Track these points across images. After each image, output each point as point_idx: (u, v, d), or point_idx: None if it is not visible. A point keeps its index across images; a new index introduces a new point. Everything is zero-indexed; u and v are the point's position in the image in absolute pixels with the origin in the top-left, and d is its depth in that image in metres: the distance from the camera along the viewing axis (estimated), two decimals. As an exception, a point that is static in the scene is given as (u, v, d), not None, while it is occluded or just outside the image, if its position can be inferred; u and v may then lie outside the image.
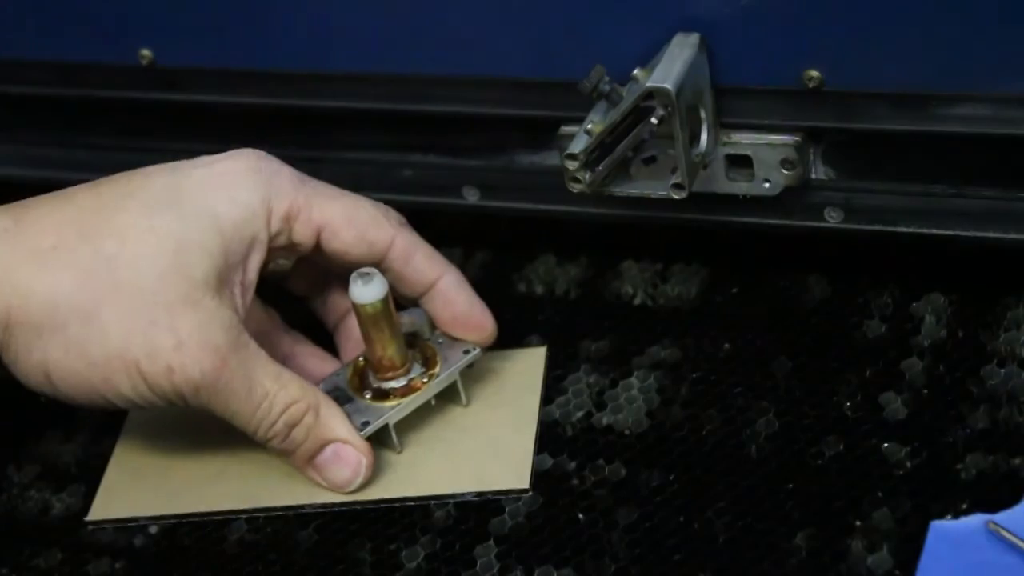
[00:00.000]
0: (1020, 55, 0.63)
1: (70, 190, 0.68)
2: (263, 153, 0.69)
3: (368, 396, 0.69)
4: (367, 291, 0.67)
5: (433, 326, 0.71)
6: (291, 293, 0.74)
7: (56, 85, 0.81)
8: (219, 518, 0.69)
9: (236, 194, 0.67)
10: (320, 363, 0.73)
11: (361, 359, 0.71)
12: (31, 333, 0.64)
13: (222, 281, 0.65)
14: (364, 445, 0.68)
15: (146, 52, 0.78)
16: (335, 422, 0.68)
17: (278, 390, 0.66)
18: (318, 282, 0.73)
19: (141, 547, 0.69)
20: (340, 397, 0.69)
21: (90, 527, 0.70)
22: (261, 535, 0.68)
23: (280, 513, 0.69)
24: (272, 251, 0.68)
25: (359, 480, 0.68)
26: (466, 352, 0.70)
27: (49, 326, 0.64)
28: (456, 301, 0.70)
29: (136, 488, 0.71)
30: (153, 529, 0.70)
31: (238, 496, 0.69)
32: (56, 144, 0.85)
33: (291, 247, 0.69)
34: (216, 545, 0.69)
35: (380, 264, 0.69)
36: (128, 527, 0.70)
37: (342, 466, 0.68)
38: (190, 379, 0.64)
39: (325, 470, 0.68)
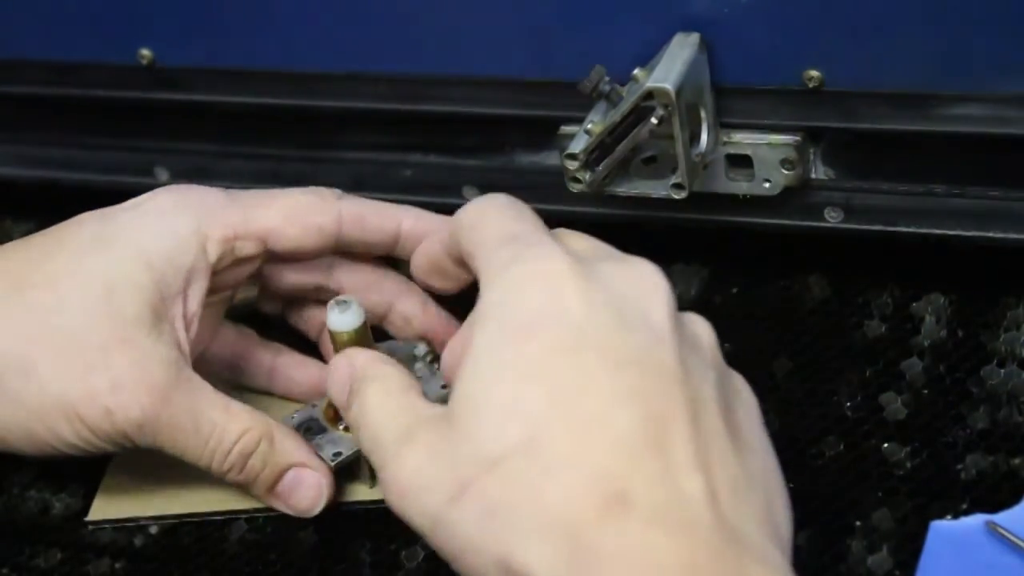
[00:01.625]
0: (1020, 55, 0.63)
1: (6, 246, 0.68)
2: (189, 185, 0.69)
3: (342, 427, 0.68)
4: (343, 319, 0.65)
5: (414, 357, 0.69)
6: (267, 315, 0.74)
7: (56, 85, 0.81)
8: (219, 518, 0.69)
9: (164, 227, 0.66)
10: (307, 370, 0.72)
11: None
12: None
13: (158, 316, 0.65)
14: (323, 467, 0.67)
15: (146, 52, 0.78)
16: (291, 446, 0.67)
17: (227, 421, 0.65)
18: (289, 299, 0.73)
19: (141, 547, 0.69)
20: (314, 427, 0.68)
21: (90, 527, 0.70)
22: (261, 535, 0.68)
23: (280, 513, 0.69)
24: (222, 275, 0.68)
25: (323, 502, 0.67)
26: (444, 387, 0.67)
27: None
28: (424, 226, 0.68)
29: (136, 488, 0.71)
30: (153, 529, 0.70)
31: (238, 496, 0.69)
32: (56, 144, 0.85)
33: (241, 264, 0.68)
34: (216, 545, 0.69)
35: (338, 242, 0.68)
36: (128, 527, 0.70)
37: (304, 490, 0.67)
38: (130, 419, 0.64)
39: (288, 497, 0.67)
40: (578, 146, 0.66)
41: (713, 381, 0.54)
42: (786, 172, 0.69)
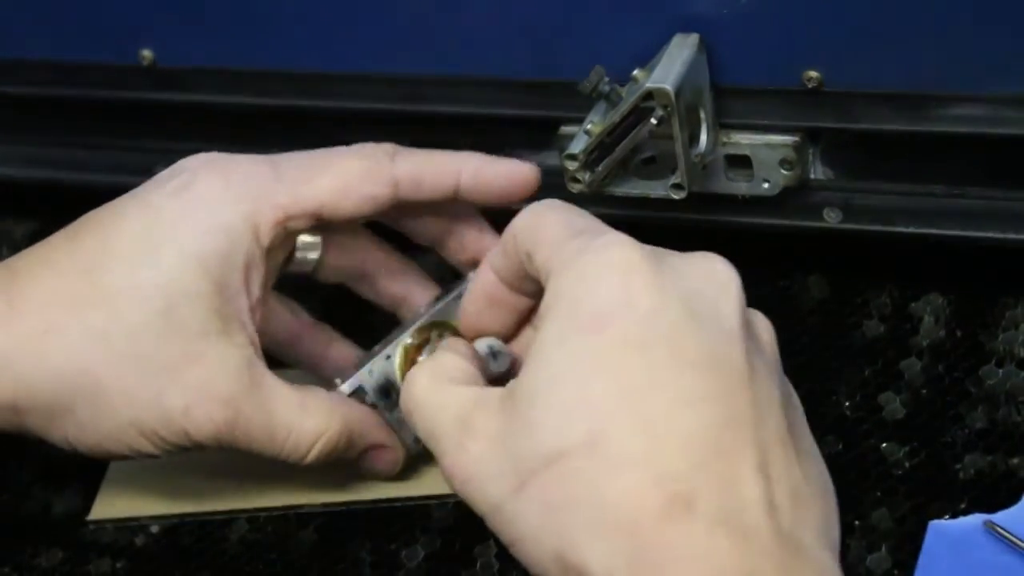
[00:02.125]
0: (1020, 55, 0.63)
1: (49, 244, 0.65)
2: (230, 156, 0.66)
3: None
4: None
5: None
6: (328, 284, 0.70)
7: (56, 85, 0.81)
8: (220, 518, 0.69)
9: (214, 222, 0.63)
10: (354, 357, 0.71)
11: (409, 339, 0.67)
12: (43, 417, 0.63)
13: (225, 320, 0.63)
14: (397, 442, 0.67)
15: (147, 52, 0.78)
16: (367, 431, 0.66)
17: (303, 421, 0.64)
18: (356, 267, 0.70)
19: (142, 547, 0.69)
20: (386, 387, 0.67)
21: (91, 526, 0.70)
22: (262, 535, 0.69)
23: (280, 513, 0.69)
24: (275, 252, 0.66)
25: (398, 468, 0.67)
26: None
27: (58, 410, 0.63)
28: (487, 174, 0.67)
29: (137, 488, 0.71)
30: (154, 529, 0.70)
31: (239, 496, 0.69)
32: (56, 144, 0.85)
33: (294, 235, 0.66)
34: (217, 545, 0.69)
35: (398, 203, 0.66)
36: (129, 526, 0.70)
37: (380, 465, 0.67)
38: (207, 435, 0.63)
39: (362, 468, 0.67)
40: (578, 146, 0.66)
41: (776, 384, 0.53)
42: (785, 172, 0.69)
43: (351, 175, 0.66)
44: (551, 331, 0.53)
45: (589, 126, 0.66)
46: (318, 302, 0.73)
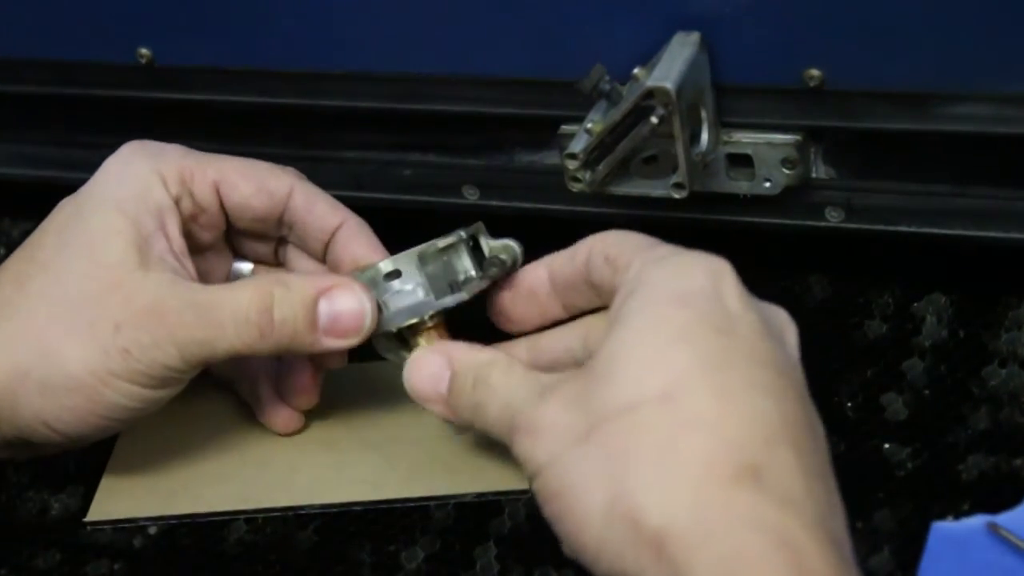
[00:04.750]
0: (1020, 55, 0.63)
1: (13, 255, 0.68)
2: (146, 141, 0.69)
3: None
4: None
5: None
6: (221, 381, 0.73)
7: (56, 85, 0.81)
8: (219, 519, 0.69)
9: (127, 173, 0.67)
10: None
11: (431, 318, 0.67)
12: (6, 399, 0.64)
13: (143, 255, 0.65)
14: (347, 279, 0.66)
15: (145, 51, 0.78)
16: (308, 279, 0.65)
17: (232, 294, 0.64)
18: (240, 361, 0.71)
19: (140, 548, 0.69)
20: (405, 330, 0.66)
21: (89, 528, 0.70)
22: (261, 536, 0.68)
23: (280, 513, 0.69)
24: (188, 217, 0.68)
25: (368, 317, 0.65)
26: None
27: (17, 380, 0.64)
28: (358, 242, 0.69)
29: (135, 489, 0.71)
30: (152, 530, 0.70)
31: (238, 496, 0.69)
32: (56, 144, 0.85)
33: (197, 213, 0.68)
34: (216, 546, 0.68)
35: (282, 215, 0.69)
36: (127, 528, 0.70)
37: (344, 312, 0.65)
38: (145, 345, 0.63)
39: (336, 327, 0.65)
40: (578, 145, 0.66)
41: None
42: (787, 171, 0.69)
43: (256, 166, 0.69)
44: (634, 305, 0.56)
45: (590, 125, 0.66)
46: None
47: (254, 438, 0.72)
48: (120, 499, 0.71)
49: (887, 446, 0.66)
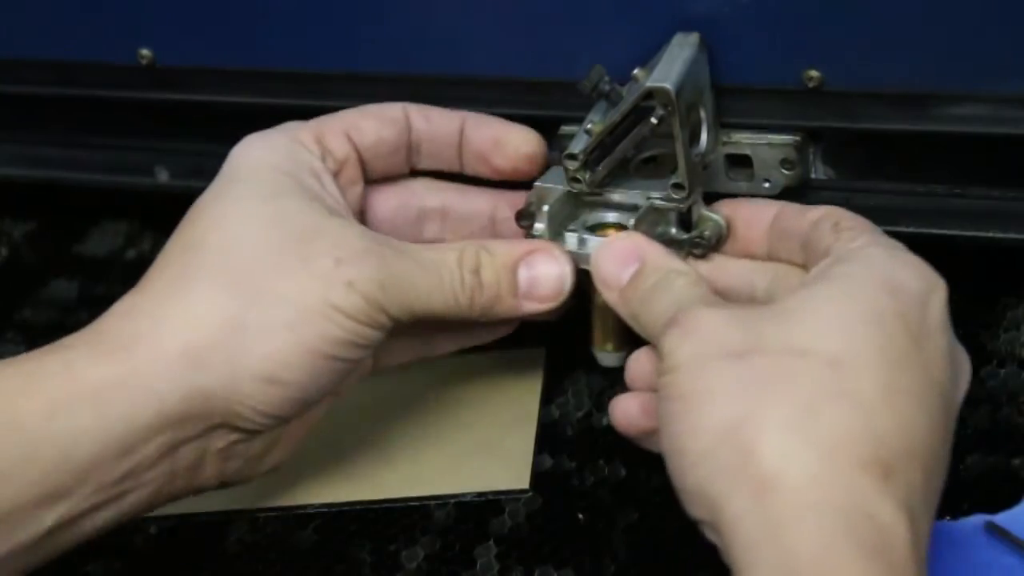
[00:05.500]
0: (1020, 55, 0.63)
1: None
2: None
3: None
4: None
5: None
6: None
7: (56, 85, 0.81)
8: (219, 518, 0.69)
9: (266, 148, 0.66)
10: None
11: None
12: (222, 367, 0.61)
13: (327, 207, 0.64)
14: (547, 243, 0.66)
15: (146, 52, 0.78)
16: (507, 243, 0.66)
17: (441, 252, 0.64)
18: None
19: (140, 547, 0.69)
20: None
21: (90, 527, 0.70)
22: (261, 535, 0.68)
23: (280, 513, 0.69)
24: (338, 172, 0.67)
25: (568, 281, 0.66)
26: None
27: (231, 334, 0.61)
28: (488, 126, 0.69)
29: (136, 488, 0.71)
30: (153, 529, 0.70)
31: (238, 496, 0.69)
32: (56, 144, 0.85)
33: (339, 169, 0.67)
34: (216, 545, 0.69)
35: (409, 134, 0.69)
36: (127, 526, 0.70)
37: (544, 276, 0.66)
38: (369, 279, 0.62)
39: (534, 291, 0.66)
40: (578, 146, 0.66)
41: None
42: (786, 172, 0.69)
43: (367, 107, 0.69)
44: (845, 270, 0.57)
45: (589, 125, 0.66)
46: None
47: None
48: (121, 498, 0.71)
49: (886, 446, 0.66)
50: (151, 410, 0.60)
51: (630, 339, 0.66)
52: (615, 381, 0.72)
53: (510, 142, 0.69)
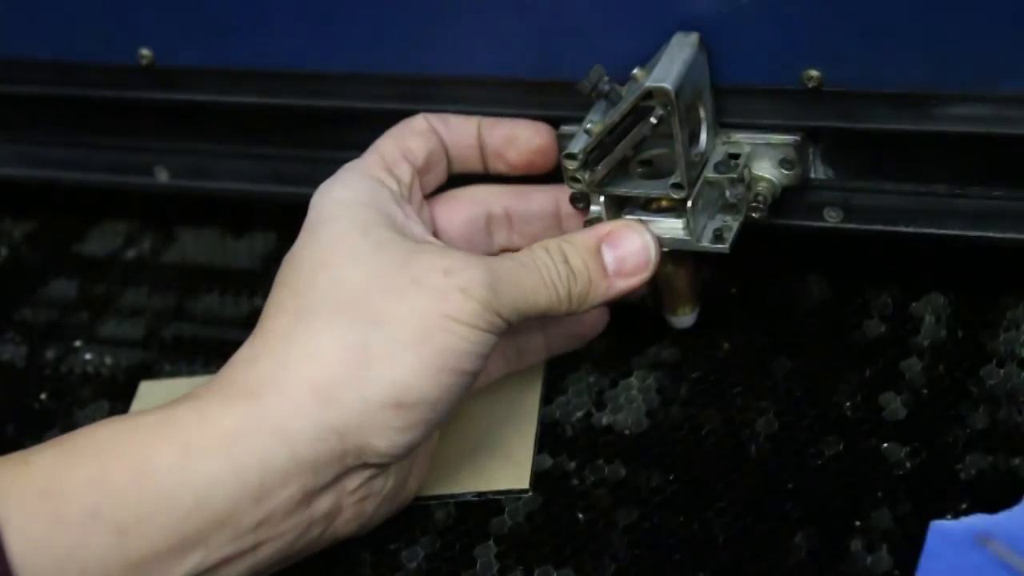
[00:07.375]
0: (1019, 55, 0.63)
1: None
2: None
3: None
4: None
5: None
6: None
7: (56, 85, 0.81)
8: (219, 518, 0.69)
9: (339, 188, 0.66)
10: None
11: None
12: (354, 403, 0.61)
13: (417, 235, 0.66)
14: (622, 220, 0.68)
15: (146, 52, 0.78)
16: (584, 231, 0.67)
17: (530, 251, 0.65)
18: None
19: (141, 547, 0.69)
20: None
21: (90, 527, 0.70)
22: (261, 535, 0.68)
23: (280, 513, 0.69)
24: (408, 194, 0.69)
25: (653, 249, 0.67)
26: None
27: (357, 365, 0.61)
28: (502, 124, 0.71)
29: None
30: (153, 529, 0.70)
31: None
32: (56, 144, 0.85)
33: (410, 192, 0.69)
34: (216, 545, 0.68)
35: (440, 139, 0.70)
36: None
37: (629, 252, 0.67)
38: (481, 283, 0.62)
39: (623, 267, 0.66)
40: (577, 146, 0.66)
41: None
42: (785, 172, 0.69)
43: (396, 129, 0.70)
44: None
45: (589, 125, 0.66)
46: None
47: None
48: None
49: (885, 446, 0.66)
50: (284, 453, 0.60)
51: (699, 298, 0.72)
52: (615, 381, 0.72)
53: (520, 137, 0.70)
